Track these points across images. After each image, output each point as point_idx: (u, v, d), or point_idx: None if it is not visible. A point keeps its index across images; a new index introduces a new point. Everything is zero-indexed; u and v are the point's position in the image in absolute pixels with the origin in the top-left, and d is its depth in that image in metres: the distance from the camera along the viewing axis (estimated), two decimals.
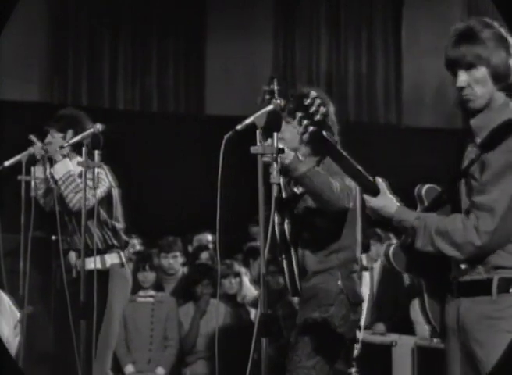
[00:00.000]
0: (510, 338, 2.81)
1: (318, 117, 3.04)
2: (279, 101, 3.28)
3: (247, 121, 3.19)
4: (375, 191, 3.02)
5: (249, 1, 10.85)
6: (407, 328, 6.48)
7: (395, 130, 11.45)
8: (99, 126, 4.30)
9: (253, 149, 3.15)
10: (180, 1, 10.51)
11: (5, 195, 4.63)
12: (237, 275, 6.55)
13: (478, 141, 2.97)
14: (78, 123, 4.98)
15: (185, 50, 10.63)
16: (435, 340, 5.68)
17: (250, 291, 6.83)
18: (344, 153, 3.04)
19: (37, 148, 4.87)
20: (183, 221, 8.91)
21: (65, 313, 4.60)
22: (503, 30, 2.98)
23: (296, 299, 6.47)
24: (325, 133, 3.05)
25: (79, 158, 4.96)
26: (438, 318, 3.07)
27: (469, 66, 2.95)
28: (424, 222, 2.92)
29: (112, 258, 4.96)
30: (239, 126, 3.18)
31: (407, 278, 7.89)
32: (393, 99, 11.69)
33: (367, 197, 3.03)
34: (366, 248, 7.18)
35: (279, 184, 3.20)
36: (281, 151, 3.23)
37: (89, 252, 4.52)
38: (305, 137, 3.03)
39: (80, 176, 4.65)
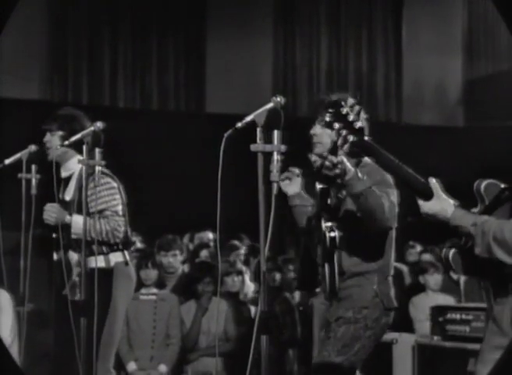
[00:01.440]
0: None
1: (359, 124, 2.99)
2: (279, 99, 3.28)
3: (247, 119, 3.19)
4: (428, 195, 2.94)
5: (249, 0, 10.87)
6: (407, 326, 6.48)
7: (395, 128, 11.47)
8: (100, 124, 4.30)
9: (253, 147, 3.15)
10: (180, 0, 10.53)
11: (6, 193, 4.64)
12: (239, 273, 6.55)
13: None
14: (76, 121, 4.98)
15: (185, 48, 10.65)
16: (435, 338, 5.68)
17: (251, 288, 6.84)
18: (392, 157, 3.00)
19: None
20: (183, 219, 8.92)
21: (65, 311, 4.61)
22: None
23: (296, 294, 6.50)
24: (367, 138, 3.01)
25: (79, 157, 4.97)
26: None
27: None
28: (482, 228, 2.84)
29: (116, 257, 4.97)
30: (239, 124, 3.18)
31: (407, 277, 7.90)
32: (393, 97, 11.72)
33: (420, 202, 2.94)
34: None
35: (278, 182, 3.19)
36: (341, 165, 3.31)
37: (91, 251, 4.53)
38: (345, 147, 2.97)
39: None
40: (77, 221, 4.75)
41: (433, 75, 11.73)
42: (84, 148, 4.25)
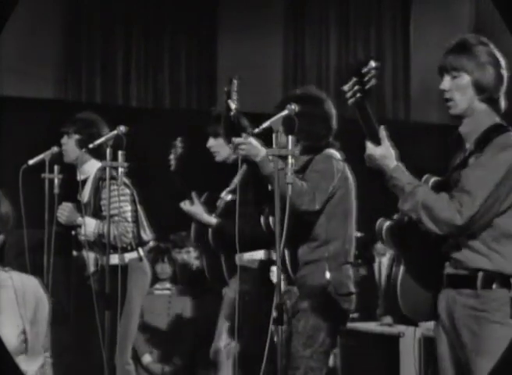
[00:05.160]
0: (493, 328, 3.03)
1: (368, 86, 3.07)
2: (293, 107, 3.45)
3: (264, 125, 3.36)
4: (378, 140, 3.11)
5: (260, 1, 10.98)
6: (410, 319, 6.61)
7: (403, 126, 11.58)
8: (123, 128, 4.47)
9: (269, 151, 3.33)
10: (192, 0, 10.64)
11: (30, 192, 4.81)
12: None
13: (468, 145, 3.20)
14: (94, 126, 5.15)
15: (197, 48, 10.77)
16: None
17: None
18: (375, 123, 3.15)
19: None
20: None
21: (83, 305, 4.78)
22: (497, 51, 3.21)
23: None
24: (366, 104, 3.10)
25: (94, 160, 5.15)
26: (410, 307, 3.25)
27: (453, 73, 3.17)
28: (416, 190, 3.07)
29: (130, 255, 5.16)
30: (256, 130, 3.36)
31: None
32: (402, 96, 11.80)
33: (369, 144, 3.11)
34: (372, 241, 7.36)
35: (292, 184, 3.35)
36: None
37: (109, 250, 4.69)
38: (351, 101, 3.07)
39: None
40: (88, 223, 4.93)
41: None
42: (108, 150, 4.41)
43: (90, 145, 4.58)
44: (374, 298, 7.32)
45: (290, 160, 3.29)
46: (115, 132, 4.47)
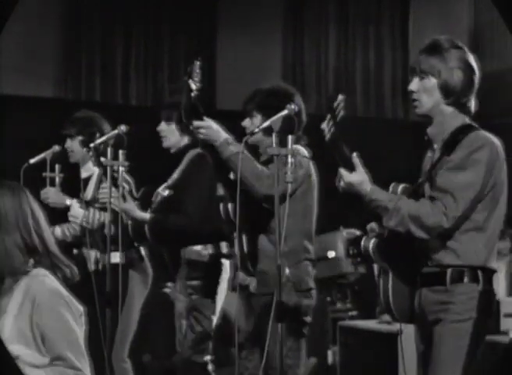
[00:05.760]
0: (458, 319, 3.16)
1: (338, 118, 3.15)
2: (293, 107, 3.49)
3: (264, 125, 3.40)
4: (352, 167, 3.18)
5: (259, 0, 11.01)
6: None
7: (402, 125, 11.61)
8: (123, 127, 4.51)
9: (270, 150, 3.36)
10: None
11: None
12: None
13: (435, 146, 3.26)
14: (94, 124, 5.19)
15: (196, 47, 10.79)
16: None
17: None
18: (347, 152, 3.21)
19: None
20: None
21: (84, 304, 4.81)
22: (470, 56, 3.23)
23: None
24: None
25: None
26: (399, 308, 3.37)
27: (421, 74, 3.21)
28: (398, 205, 3.15)
29: (131, 253, 5.19)
30: (256, 130, 3.40)
31: None
32: (401, 94, 11.83)
33: (343, 171, 3.18)
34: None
35: (292, 183, 3.37)
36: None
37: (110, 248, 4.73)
38: (327, 138, 3.16)
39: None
40: (73, 205, 4.98)
41: None
42: (109, 150, 4.44)
43: (91, 144, 4.62)
44: (373, 296, 7.35)
45: (290, 159, 3.33)
46: (115, 131, 4.51)
